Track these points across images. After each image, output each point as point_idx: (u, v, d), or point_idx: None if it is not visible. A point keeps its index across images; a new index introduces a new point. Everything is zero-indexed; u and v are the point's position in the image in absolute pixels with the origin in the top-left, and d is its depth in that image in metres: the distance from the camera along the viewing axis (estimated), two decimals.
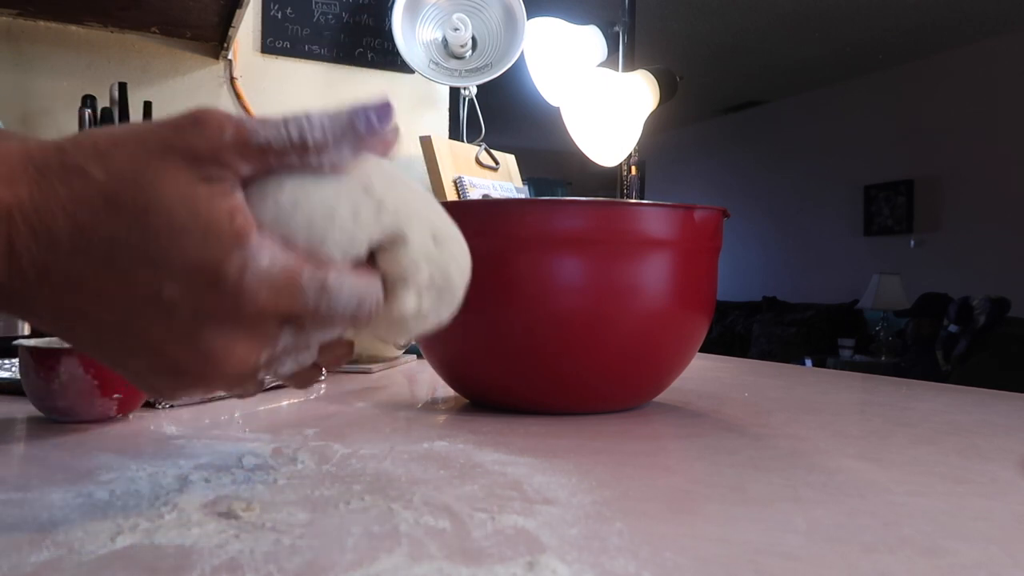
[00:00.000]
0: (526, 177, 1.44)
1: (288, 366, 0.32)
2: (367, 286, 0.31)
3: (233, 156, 0.29)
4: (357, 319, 0.31)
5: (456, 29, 1.25)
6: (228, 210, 0.28)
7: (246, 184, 0.30)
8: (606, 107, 1.21)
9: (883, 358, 4.58)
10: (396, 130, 0.32)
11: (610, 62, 1.36)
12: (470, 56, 1.29)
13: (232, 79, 1.36)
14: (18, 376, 0.58)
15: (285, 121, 0.30)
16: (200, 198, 0.28)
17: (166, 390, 0.31)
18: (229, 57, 1.34)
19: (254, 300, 0.28)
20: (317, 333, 0.32)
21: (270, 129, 0.29)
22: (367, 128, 0.31)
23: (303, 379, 0.36)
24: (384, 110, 0.31)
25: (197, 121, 0.29)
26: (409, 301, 0.33)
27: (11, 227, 0.27)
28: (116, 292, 0.28)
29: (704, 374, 0.89)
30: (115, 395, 0.53)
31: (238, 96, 1.36)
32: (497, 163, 1.34)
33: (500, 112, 1.53)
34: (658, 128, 5.74)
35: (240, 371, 0.30)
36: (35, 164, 0.28)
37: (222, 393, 0.33)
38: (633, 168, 1.45)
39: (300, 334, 0.31)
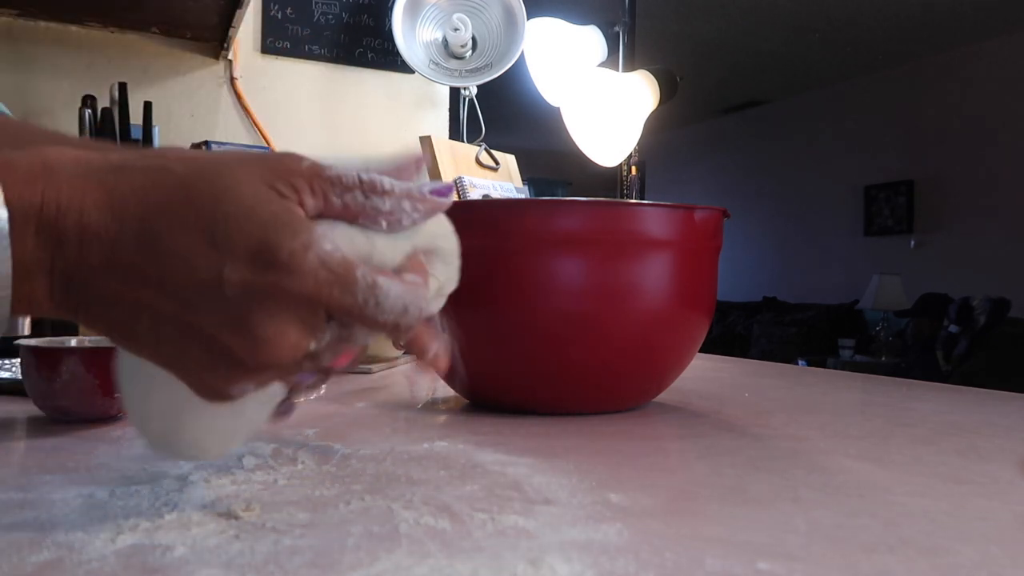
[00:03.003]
0: (526, 177, 1.44)
1: (326, 359, 0.33)
2: (415, 293, 0.32)
3: (304, 182, 0.30)
4: (399, 325, 0.32)
5: (456, 29, 1.25)
6: (294, 208, 0.30)
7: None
8: (606, 107, 1.21)
9: (883, 358, 4.57)
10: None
11: (610, 62, 1.36)
12: (470, 56, 1.29)
13: (232, 79, 1.36)
14: (19, 376, 0.58)
15: (358, 170, 0.32)
16: (271, 198, 0.30)
17: (220, 383, 0.31)
18: (229, 57, 1.34)
19: (313, 280, 0.29)
20: (358, 333, 0.32)
21: (342, 170, 0.32)
22: (432, 192, 0.33)
23: (312, 385, 0.36)
24: (447, 185, 0.34)
25: (278, 153, 0.32)
26: (431, 283, 0.35)
27: (82, 217, 0.28)
28: (178, 278, 0.29)
29: (704, 374, 0.89)
30: (116, 395, 0.53)
31: (238, 96, 1.36)
32: (497, 163, 1.34)
33: (500, 112, 1.53)
34: (658, 128, 5.72)
35: (290, 357, 0.30)
36: (112, 164, 0.30)
37: (274, 394, 0.33)
38: (633, 168, 1.45)
39: (343, 331, 0.32)
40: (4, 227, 0.27)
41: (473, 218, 0.60)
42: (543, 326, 0.57)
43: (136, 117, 1.19)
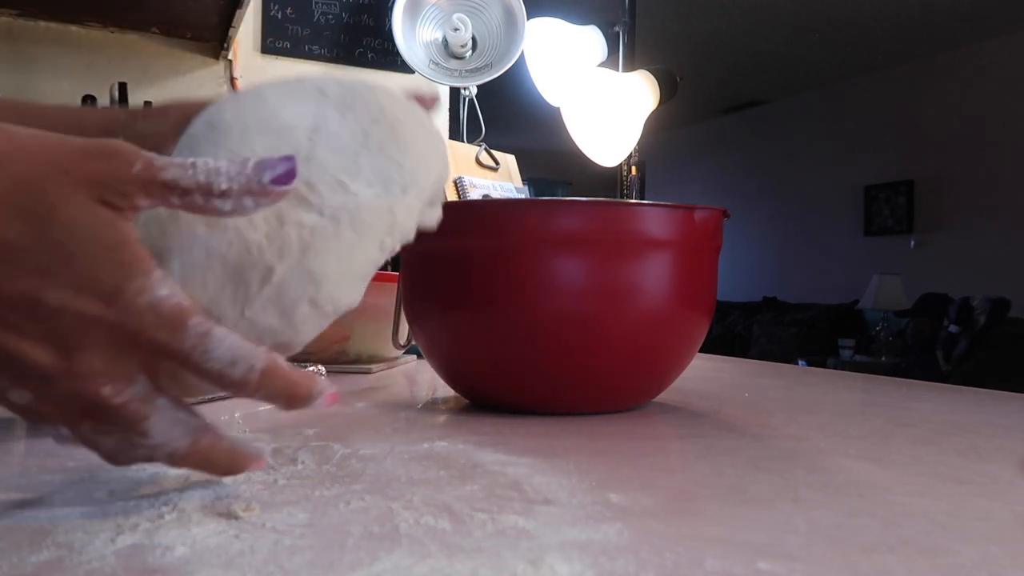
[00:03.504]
0: (526, 177, 1.44)
1: (112, 439, 0.31)
2: (250, 351, 0.31)
3: (137, 189, 0.29)
4: (223, 378, 0.30)
5: (456, 29, 1.25)
6: (134, 238, 0.29)
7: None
8: (606, 107, 1.21)
9: (883, 358, 4.58)
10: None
11: (610, 62, 1.36)
12: (470, 56, 1.29)
13: (232, 79, 1.36)
14: None
15: (194, 164, 0.30)
16: (103, 221, 0.29)
17: (26, 404, 0.30)
18: (229, 57, 1.34)
19: (139, 322, 0.29)
20: (185, 376, 0.31)
21: (178, 169, 0.30)
22: (272, 181, 0.31)
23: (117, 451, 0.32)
24: (287, 165, 0.31)
25: (106, 151, 0.29)
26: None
27: None
28: None
29: (704, 374, 0.89)
30: None
31: None
32: (497, 163, 1.34)
33: (500, 112, 1.53)
34: (658, 128, 5.74)
35: (94, 391, 0.29)
36: None
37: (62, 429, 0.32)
38: (633, 168, 1.45)
39: (155, 381, 0.31)
40: None
41: (473, 218, 0.60)
42: (543, 326, 0.57)
43: None
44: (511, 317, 0.58)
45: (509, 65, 1.27)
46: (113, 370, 0.29)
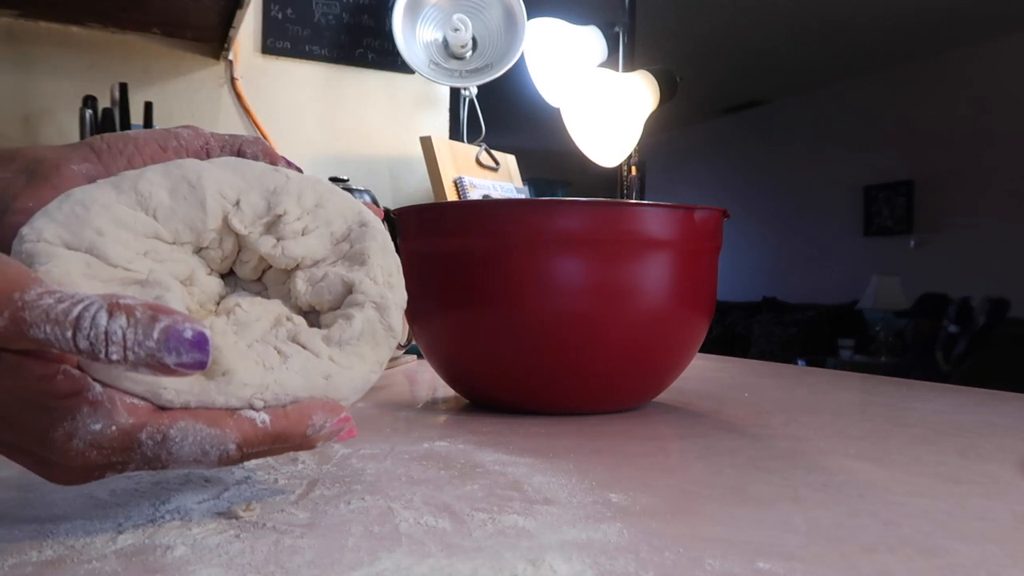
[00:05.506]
0: (526, 177, 1.44)
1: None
2: (216, 438, 0.29)
3: (8, 343, 0.24)
4: (202, 463, 0.29)
5: (456, 29, 1.25)
6: (39, 376, 0.26)
7: None
8: (606, 107, 1.21)
9: (883, 358, 4.57)
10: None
11: (610, 62, 1.36)
12: (470, 56, 1.29)
13: (233, 80, 1.36)
14: None
15: (79, 322, 0.24)
16: (6, 372, 0.25)
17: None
18: (230, 58, 1.34)
19: (82, 459, 0.27)
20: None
21: (54, 328, 0.24)
22: (175, 363, 0.25)
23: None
24: (200, 353, 0.25)
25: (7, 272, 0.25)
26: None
27: None
28: None
29: (704, 374, 0.89)
30: None
31: (239, 97, 1.36)
32: (497, 163, 1.34)
33: (500, 112, 1.53)
34: (658, 128, 5.74)
35: (96, 476, 0.29)
36: None
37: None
38: (633, 168, 1.45)
39: (153, 456, 0.29)
40: None
41: (473, 218, 0.60)
42: (543, 326, 0.57)
43: (137, 117, 1.19)
44: (511, 317, 0.58)
45: (509, 65, 1.27)
46: (100, 467, 0.28)
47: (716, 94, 6.09)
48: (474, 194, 1.22)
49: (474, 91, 1.32)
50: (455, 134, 1.43)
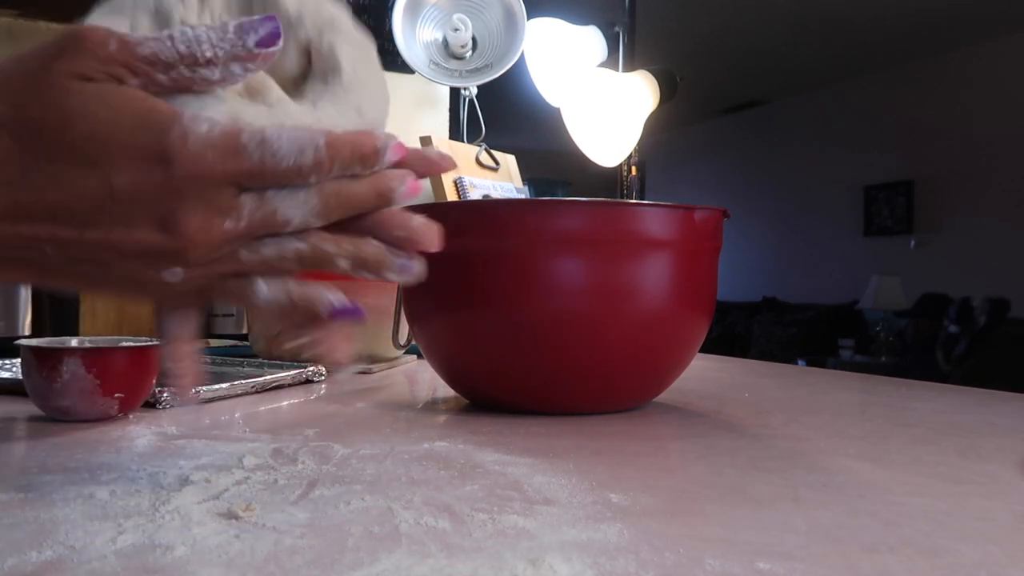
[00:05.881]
0: (526, 177, 1.44)
1: (271, 248, 0.32)
2: (307, 133, 0.31)
3: (120, 69, 0.29)
4: (303, 168, 0.30)
5: (456, 29, 1.25)
6: (145, 96, 0.29)
7: None
8: (606, 107, 1.21)
9: (883, 358, 4.57)
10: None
11: (610, 62, 1.36)
12: (470, 56, 1.29)
13: None
14: (19, 376, 0.58)
15: (171, 35, 0.30)
16: (112, 93, 0.28)
17: (153, 285, 0.31)
18: None
19: (201, 163, 0.29)
20: (279, 197, 0.31)
21: (156, 43, 0.29)
22: (256, 44, 0.30)
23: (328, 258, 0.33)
24: (271, 25, 0.30)
25: (77, 39, 0.29)
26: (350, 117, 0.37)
27: None
28: (68, 205, 0.28)
29: (704, 374, 0.89)
30: (116, 394, 0.53)
31: None
32: (497, 163, 1.34)
33: (500, 112, 1.53)
34: (658, 128, 5.73)
35: (208, 241, 0.30)
36: None
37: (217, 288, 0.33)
38: (633, 168, 1.45)
39: (261, 199, 0.31)
40: None
41: (473, 218, 0.60)
42: (543, 326, 0.57)
43: None
44: (511, 317, 0.58)
45: (509, 65, 1.27)
46: (215, 211, 0.29)
47: (716, 94, 6.09)
48: (474, 194, 1.22)
49: (474, 91, 1.32)
50: (455, 134, 1.43)
